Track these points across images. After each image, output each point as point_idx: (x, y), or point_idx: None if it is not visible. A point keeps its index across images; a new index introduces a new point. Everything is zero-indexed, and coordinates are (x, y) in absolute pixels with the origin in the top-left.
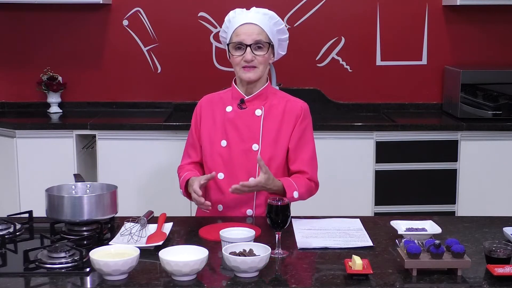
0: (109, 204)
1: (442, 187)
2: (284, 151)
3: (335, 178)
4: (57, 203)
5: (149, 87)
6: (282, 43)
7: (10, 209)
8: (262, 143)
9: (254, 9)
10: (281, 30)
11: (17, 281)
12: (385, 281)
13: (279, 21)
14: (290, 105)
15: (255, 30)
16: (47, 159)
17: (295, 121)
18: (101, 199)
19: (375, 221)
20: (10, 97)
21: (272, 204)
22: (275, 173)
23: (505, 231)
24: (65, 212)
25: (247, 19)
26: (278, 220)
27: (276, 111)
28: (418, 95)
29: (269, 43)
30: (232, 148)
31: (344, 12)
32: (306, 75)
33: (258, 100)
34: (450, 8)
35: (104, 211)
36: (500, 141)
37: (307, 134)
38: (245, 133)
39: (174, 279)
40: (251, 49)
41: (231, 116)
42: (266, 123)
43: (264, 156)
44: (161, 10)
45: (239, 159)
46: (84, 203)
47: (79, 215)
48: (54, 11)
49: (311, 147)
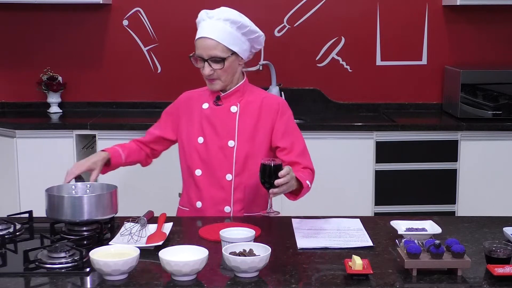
0: (109, 204)
1: (442, 187)
2: (264, 148)
3: (335, 178)
4: (57, 203)
5: (149, 87)
6: (256, 40)
7: (10, 209)
8: (238, 140)
9: (216, 14)
10: (249, 31)
11: (17, 281)
12: (385, 281)
13: (242, 24)
14: (267, 101)
15: (210, 45)
16: (47, 159)
17: (274, 117)
18: (101, 199)
19: (375, 221)
20: (10, 97)
21: (266, 164)
22: (253, 170)
23: (505, 231)
24: (65, 212)
25: (205, 31)
26: (271, 180)
27: (253, 108)
28: (418, 95)
29: (226, 55)
30: (209, 144)
31: (344, 12)
32: (306, 75)
33: (234, 97)
34: (450, 8)
35: (104, 211)
36: (500, 141)
37: (292, 127)
38: (221, 129)
39: (174, 279)
40: (209, 63)
41: (207, 113)
42: (242, 120)
43: (240, 152)
44: (161, 10)
45: (216, 155)
46: (84, 203)
47: (79, 215)
48: (54, 11)
49: (300, 138)
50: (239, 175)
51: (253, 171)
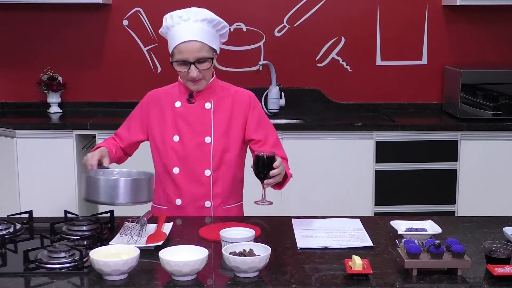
0: (144, 190)
1: (442, 187)
2: (238, 142)
3: (335, 178)
4: (94, 184)
5: (149, 87)
6: (225, 34)
7: (10, 209)
8: (214, 135)
9: (193, 16)
10: (221, 27)
11: (17, 281)
12: (385, 281)
13: (218, 22)
14: (238, 96)
15: (196, 47)
16: (47, 159)
17: (246, 111)
18: (137, 184)
19: (375, 221)
20: (10, 97)
21: (260, 156)
22: (229, 164)
23: (505, 231)
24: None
25: (188, 34)
26: (265, 171)
27: (225, 103)
28: (418, 95)
29: (211, 54)
30: (185, 142)
31: (344, 12)
32: (306, 75)
33: (206, 94)
34: (450, 8)
35: (139, 195)
36: (500, 141)
37: (263, 119)
38: (197, 126)
39: (174, 279)
40: (195, 65)
41: (181, 111)
42: (217, 116)
43: (217, 147)
44: (161, 10)
45: (193, 152)
46: (120, 186)
47: (115, 197)
48: (54, 11)
49: (272, 128)
50: (217, 170)
51: (229, 165)
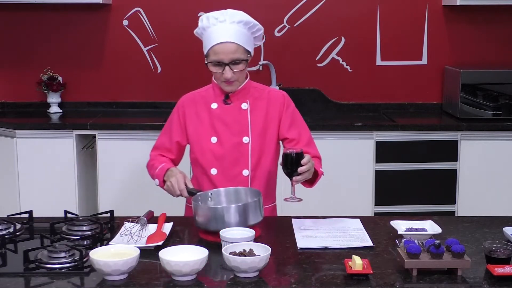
0: (254, 212)
1: (442, 187)
2: (274, 141)
3: (335, 178)
4: (206, 214)
5: (149, 87)
6: (259, 37)
7: (10, 209)
8: (251, 135)
9: (229, 18)
10: (256, 30)
11: (17, 281)
12: (385, 281)
13: (253, 24)
14: (272, 96)
15: (231, 48)
16: (47, 159)
17: (281, 110)
18: (247, 208)
19: (375, 221)
20: (10, 97)
21: (288, 153)
22: (265, 163)
23: (505, 231)
24: (215, 224)
25: (223, 36)
26: (293, 168)
27: (261, 103)
28: (418, 95)
29: (246, 56)
30: (223, 143)
31: (344, 12)
32: (306, 75)
33: (242, 95)
34: (450, 8)
35: (249, 220)
36: (500, 141)
37: (297, 118)
38: (234, 127)
39: (174, 279)
40: (230, 67)
41: (218, 112)
42: (253, 116)
43: (254, 147)
44: (161, 10)
45: (231, 153)
46: (231, 213)
47: (227, 224)
48: (54, 11)
49: (306, 127)
50: (254, 170)
51: (266, 164)
